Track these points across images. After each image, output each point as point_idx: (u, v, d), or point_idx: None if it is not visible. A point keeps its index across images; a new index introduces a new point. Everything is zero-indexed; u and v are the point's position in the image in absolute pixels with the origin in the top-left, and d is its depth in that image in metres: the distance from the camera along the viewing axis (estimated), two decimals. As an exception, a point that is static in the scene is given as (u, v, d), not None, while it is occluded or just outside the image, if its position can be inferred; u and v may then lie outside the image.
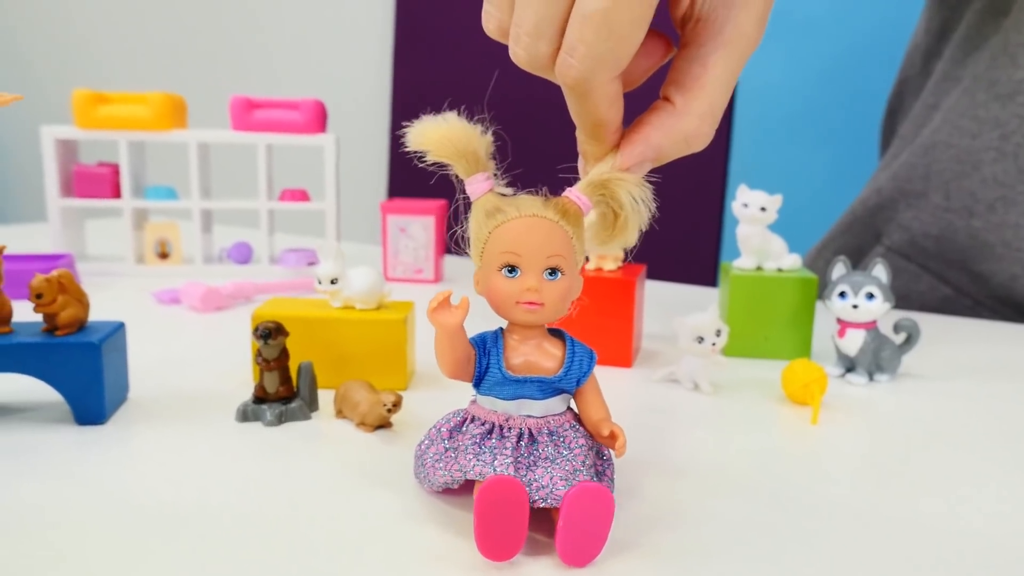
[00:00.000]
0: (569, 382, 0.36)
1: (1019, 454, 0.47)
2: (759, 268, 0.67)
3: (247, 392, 0.51)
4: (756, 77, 1.78)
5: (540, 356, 0.36)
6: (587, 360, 0.36)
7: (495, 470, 0.33)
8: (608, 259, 0.64)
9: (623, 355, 0.62)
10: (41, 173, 0.94)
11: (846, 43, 1.71)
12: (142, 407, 0.50)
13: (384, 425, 0.47)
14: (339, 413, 0.48)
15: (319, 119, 0.96)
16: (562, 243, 0.34)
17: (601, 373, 0.60)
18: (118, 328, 0.49)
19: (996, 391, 0.59)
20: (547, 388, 0.35)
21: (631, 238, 0.36)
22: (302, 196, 0.98)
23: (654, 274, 0.98)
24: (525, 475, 0.34)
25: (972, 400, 0.57)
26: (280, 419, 0.47)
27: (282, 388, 0.48)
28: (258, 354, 0.48)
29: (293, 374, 0.49)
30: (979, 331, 0.80)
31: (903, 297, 0.95)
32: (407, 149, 0.36)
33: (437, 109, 0.36)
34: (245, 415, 0.48)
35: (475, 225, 0.35)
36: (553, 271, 0.34)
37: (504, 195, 0.36)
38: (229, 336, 0.68)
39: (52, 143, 0.92)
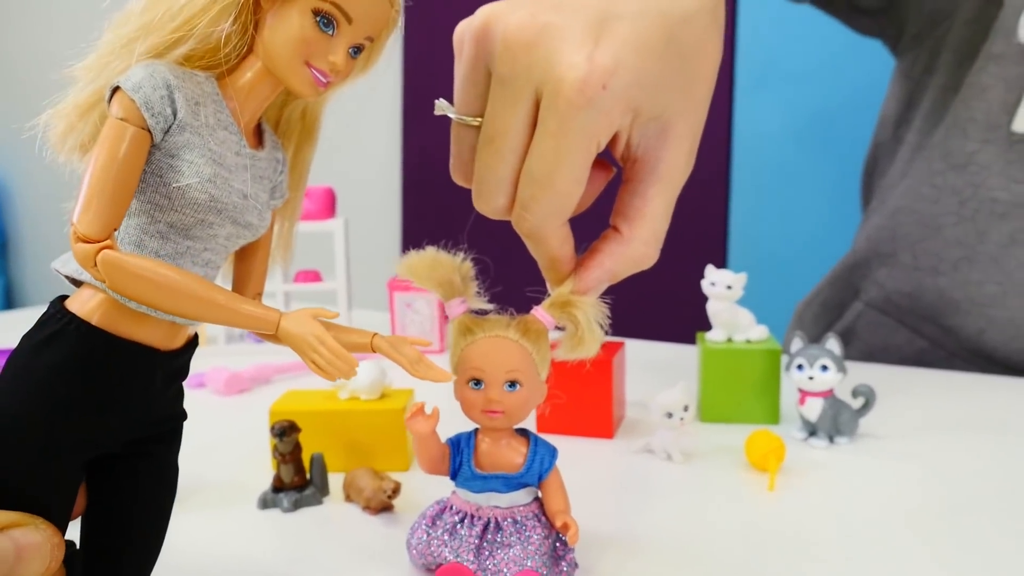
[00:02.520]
0: (531, 477, 0.42)
1: (957, 514, 0.53)
2: (729, 340, 0.74)
3: (267, 479, 0.58)
4: (751, 128, 1.85)
5: (505, 455, 0.42)
6: (548, 458, 0.42)
7: (457, 556, 0.41)
8: (589, 339, 0.71)
9: (604, 427, 0.68)
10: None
11: (839, 90, 1.77)
12: (176, 496, 0.57)
13: (386, 508, 0.53)
14: (347, 498, 0.55)
15: (329, 206, 1.04)
16: (521, 360, 0.41)
17: (583, 445, 0.67)
18: (153, 428, 0.56)
19: (949, 450, 0.64)
20: (511, 483, 0.42)
21: (590, 351, 0.42)
22: (315, 277, 1.06)
23: (656, 332, 1.04)
24: (485, 561, 0.41)
25: (924, 460, 0.62)
26: (296, 505, 0.54)
27: (296, 478, 0.55)
28: (275, 448, 0.55)
29: (306, 464, 0.56)
30: (948, 383, 0.85)
31: (883, 349, 1.00)
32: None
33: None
34: (265, 503, 0.54)
35: (451, 342, 0.42)
36: (512, 383, 0.41)
37: (480, 313, 0.42)
38: (250, 420, 0.75)
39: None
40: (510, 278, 0.44)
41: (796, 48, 1.77)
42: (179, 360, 0.35)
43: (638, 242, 0.42)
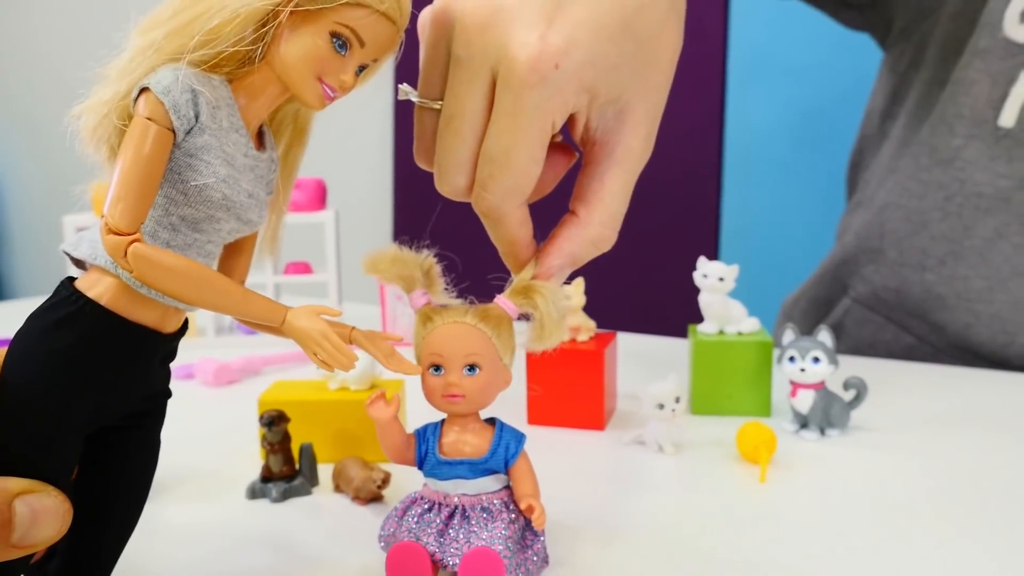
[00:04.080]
0: (497, 463, 0.42)
1: (947, 507, 0.53)
2: (721, 332, 0.74)
3: (255, 470, 0.58)
4: (743, 122, 1.85)
5: (469, 440, 0.42)
6: (514, 444, 0.42)
7: (420, 540, 0.41)
8: (581, 331, 0.71)
9: (595, 419, 0.68)
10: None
11: (832, 85, 1.77)
12: (164, 487, 0.56)
13: (376, 498, 0.53)
14: (337, 488, 0.55)
15: (319, 197, 1.03)
16: (479, 343, 0.41)
17: (575, 437, 0.66)
18: (141, 418, 0.56)
19: (939, 443, 0.64)
20: (477, 468, 0.42)
21: (554, 339, 0.42)
22: (305, 269, 1.06)
23: (648, 325, 1.04)
24: (449, 546, 0.41)
25: (915, 453, 0.62)
26: (284, 495, 0.54)
27: (285, 468, 0.54)
28: (263, 438, 0.54)
29: (295, 454, 0.56)
30: (939, 377, 0.85)
31: (870, 345, 1.01)
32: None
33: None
34: (253, 493, 0.54)
35: (415, 333, 0.43)
36: (472, 367, 0.41)
37: (441, 306, 0.43)
38: (239, 411, 0.74)
39: (74, 231, 1.00)
40: (482, 272, 0.44)
41: (788, 43, 1.77)
42: (174, 342, 0.38)
43: (595, 224, 0.42)
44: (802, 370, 0.65)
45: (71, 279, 0.35)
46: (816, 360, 0.65)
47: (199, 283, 0.34)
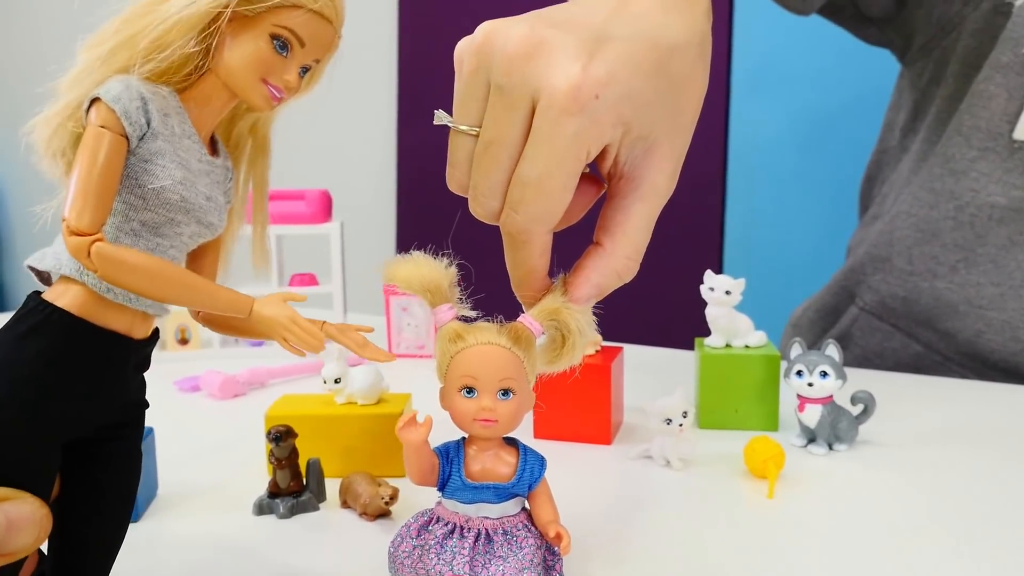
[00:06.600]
0: (522, 487, 0.41)
1: (956, 523, 0.52)
2: (728, 345, 0.73)
3: (262, 485, 0.58)
4: (746, 132, 1.85)
5: (496, 465, 0.41)
6: (538, 468, 0.42)
7: (452, 569, 0.40)
8: (588, 345, 0.71)
9: (602, 434, 0.68)
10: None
11: (836, 94, 1.77)
12: (170, 503, 0.56)
13: (384, 514, 0.53)
14: (344, 504, 0.55)
15: (325, 208, 1.03)
16: (514, 367, 0.40)
17: (581, 451, 0.66)
18: (147, 434, 0.55)
19: (947, 458, 0.64)
20: (502, 493, 0.41)
21: (576, 359, 0.42)
22: (311, 280, 1.06)
23: (655, 337, 1.03)
24: (480, 573, 0.40)
25: (923, 467, 0.62)
26: (292, 511, 0.53)
27: (293, 483, 0.54)
28: (271, 454, 0.54)
29: (302, 469, 0.55)
30: (948, 390, 0.85)
31: (878, 355, 1.00)
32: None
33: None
34: (261, 508, 0.54)
35: (439, 349, 0.41)
36: (506, 392, 0.40)
37: (467, 320, 0.42)
38: (245, 424, 0.74)
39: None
40: (490, 283, 0.44)
41: (792, 52, 1.77)
42: (147, 349, 0.38)
43: (619, 256, 0.43)
44: (810, 384, 0.65)
45: (38, 292, 0.36)
46: (824, 374, 0.65)
47: (163, 278, 0.34)
